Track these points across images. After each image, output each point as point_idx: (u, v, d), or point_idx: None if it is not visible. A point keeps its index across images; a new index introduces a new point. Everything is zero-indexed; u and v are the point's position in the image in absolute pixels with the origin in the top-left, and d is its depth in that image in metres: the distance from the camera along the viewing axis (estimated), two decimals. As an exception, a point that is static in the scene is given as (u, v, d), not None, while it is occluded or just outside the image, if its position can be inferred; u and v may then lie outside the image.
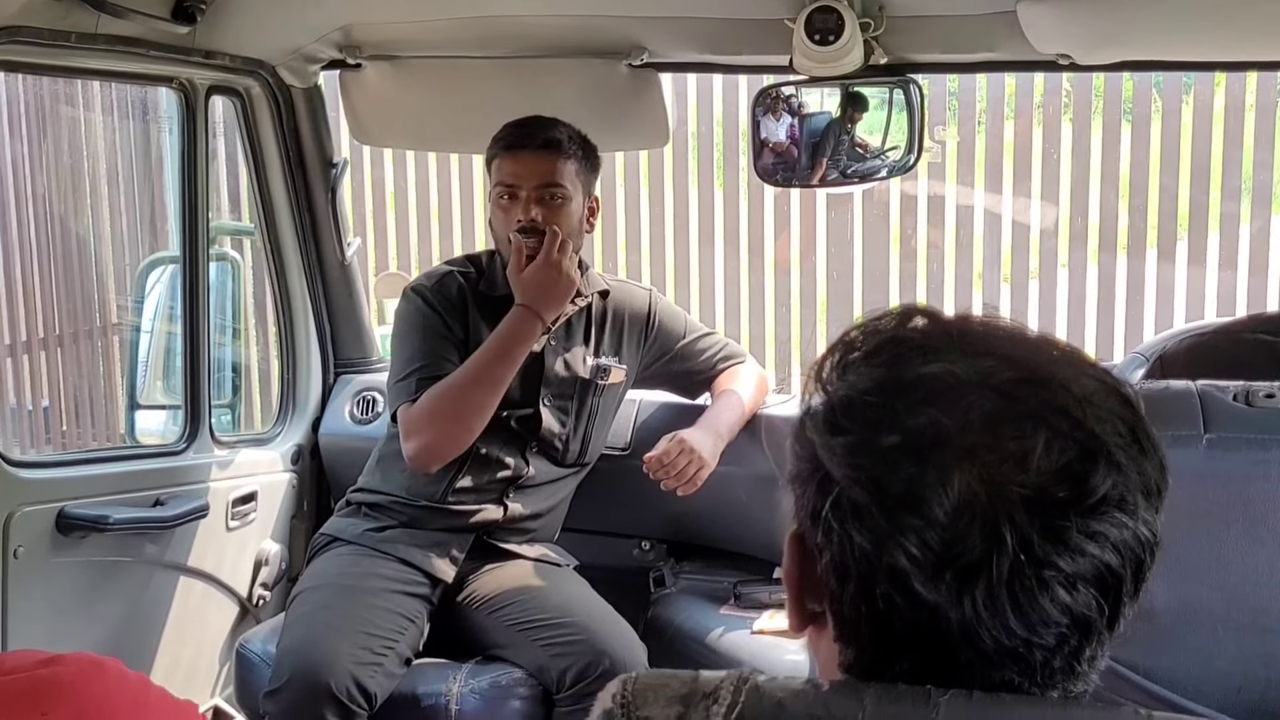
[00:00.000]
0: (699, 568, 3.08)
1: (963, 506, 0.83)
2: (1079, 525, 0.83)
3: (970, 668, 0.86)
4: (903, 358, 0.89)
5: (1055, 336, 0.93)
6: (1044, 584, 0.83)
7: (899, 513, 0.84)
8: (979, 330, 0.90)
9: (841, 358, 0.91)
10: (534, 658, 2.56)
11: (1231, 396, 1.46)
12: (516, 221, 2.67)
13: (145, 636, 2.84)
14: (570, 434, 2.80)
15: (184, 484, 2.87)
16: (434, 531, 2.74)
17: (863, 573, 0.86)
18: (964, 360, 0.87)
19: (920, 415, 0.85)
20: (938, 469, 0.83)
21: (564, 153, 2.67)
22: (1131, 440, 0.86)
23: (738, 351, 2.98)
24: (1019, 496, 0.83)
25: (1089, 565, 0.84)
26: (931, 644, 0.86)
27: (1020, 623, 0.84)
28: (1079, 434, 0.84)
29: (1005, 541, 0.82)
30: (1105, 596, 0.85)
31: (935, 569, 0.84)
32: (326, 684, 2.40)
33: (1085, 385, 0.87)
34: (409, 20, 2.80)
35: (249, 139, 3.07)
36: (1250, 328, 1.89)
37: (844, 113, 2.67)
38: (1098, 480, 0.84)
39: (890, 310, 0.93)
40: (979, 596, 0.83)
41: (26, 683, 1.09)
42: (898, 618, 0.86)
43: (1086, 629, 0.86)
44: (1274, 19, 2.28)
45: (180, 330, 3.01)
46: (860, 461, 0.86)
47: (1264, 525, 1.43)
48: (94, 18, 2.36)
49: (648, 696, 0.90)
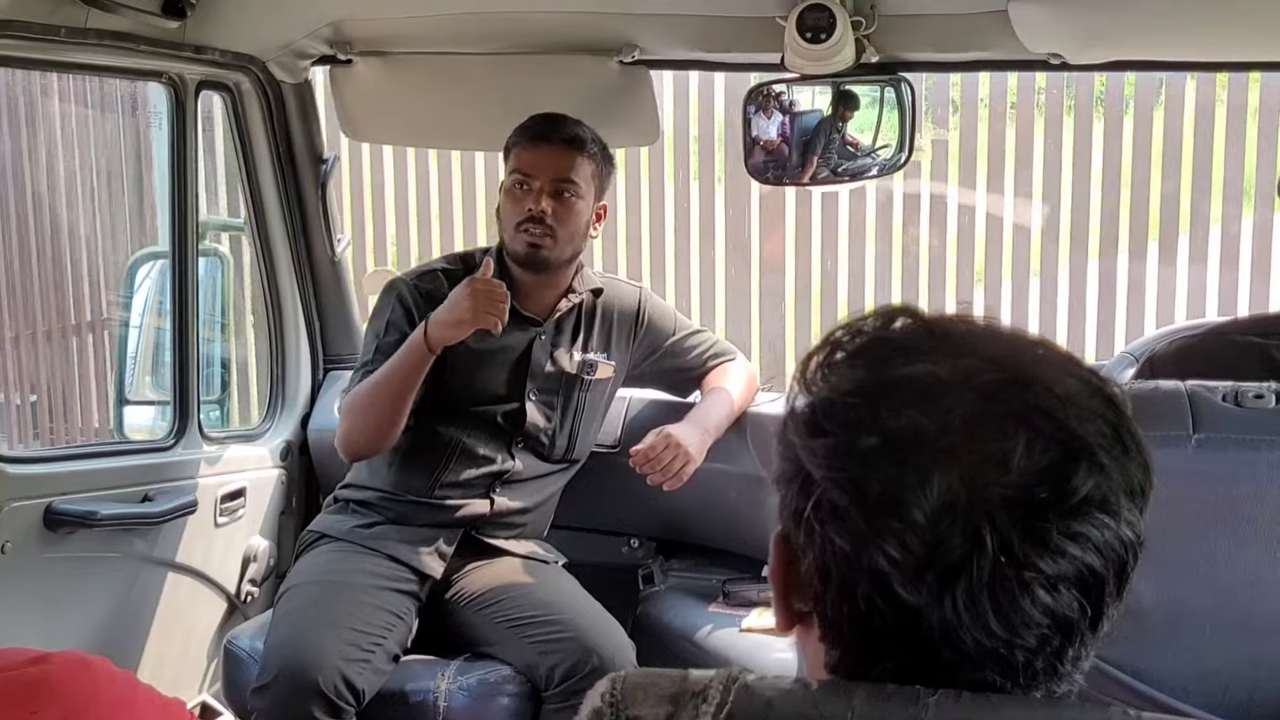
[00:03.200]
0: (688, 565, 3.08)
1: (943, 508, 0.83)
2: (1060, 526, 0.83)
3: (952, 668, 0.85)
4: (884, 359, 0.88)
5: (1043, 337, 0.93)
6: (1025, 585, 0.83)
7: (878, 515, 0.84)
8: (963, 331, 0.90)
9: (826, 358, 0.91)
10: (522, 655, 2.56)
11: (1221, 397, 1.47)
12: (526, 211, 2.66)
13: (133, 632, 2.84)
14: (556, 429, 2.80)
15: (172, 480, 2.87)
16: (422, 527, 2.74)
17: (844, 574, 0.86)
18: (946, 361, 0.87)
19: (900, 417, 0.85)
20: (917, 470, 0.83)
21: (585, 152, 2.68)
22: (1115, 441, 0.86)
23: (728, 349, 2.98)
24: (999, 497, 0.83)
25: (1070, 566, 0.84)
26: (913, 645, 0.86)
27: (1001, 624, 0.84)
28: (1061, 434, 0.84)
29: (985, 543, 0.82)
30: (1087, 597, 0.85)
31: (916, 571, 0.83)
32: (314, 680, 2.40)
33: (1068, 385, 0.87)
34: (400, 15, 2.79)
35: (239, 134, 3.06)
36: (1239, 329, 1.90)
37: (835, 111, 2.67)
38: (1079, 481, 0.83)
39: (875, 310, 0.93)
40: (960, 598, 0.83)
41: (15, 681, 1.08)
42: (879, 619, 0.86)
43: (1069, 630, 0.85)
44: (1265, 19, 2.28)
45: (169, 325, 3.00)
46: (840, 463, 0.86)
47: (1252, 525, 1.44)
48: (83, 12, 2.36)
49: (637, 695, 0.90)
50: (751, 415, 2.88)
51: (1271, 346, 1.81)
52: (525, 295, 2.77)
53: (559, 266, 2.74)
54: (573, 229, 2.69)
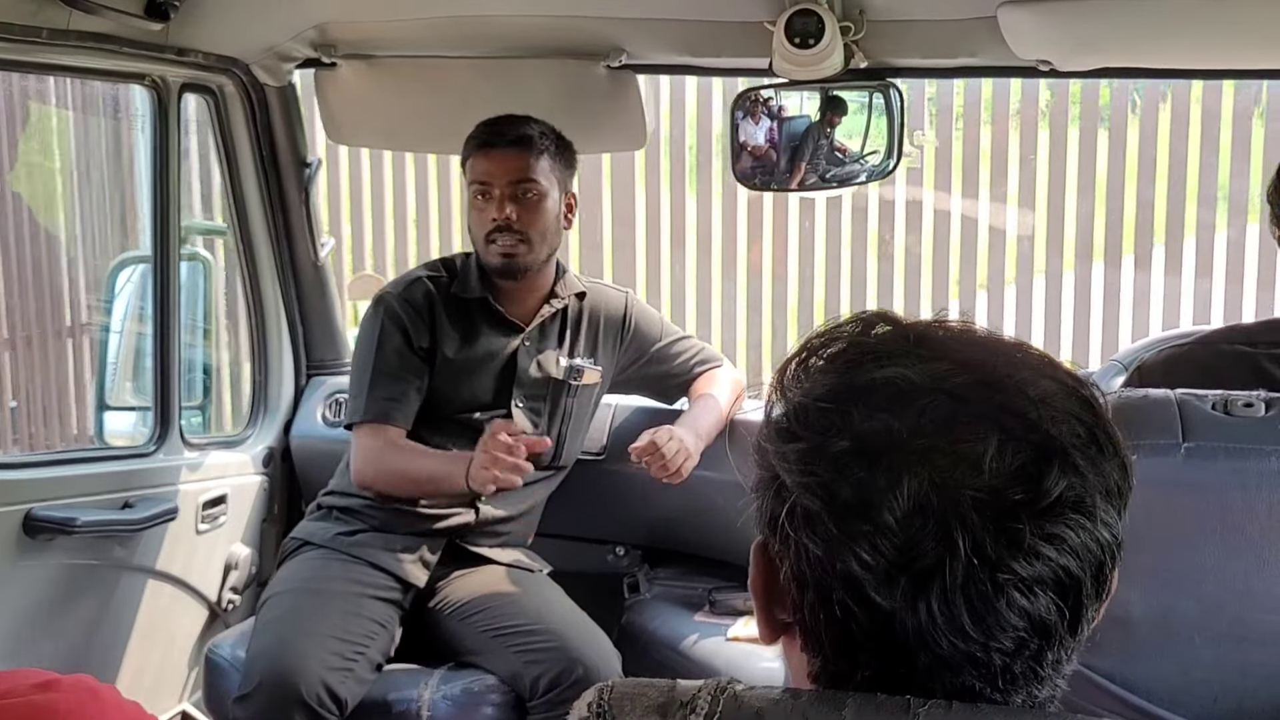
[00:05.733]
0: (673, 574, 3.07)
1: (914, 511, 0.82)
2: (1034, 528, 0.82)
3: (929, 673, 0.85)
4: (857, 363, 0.88)
5: (1023, 341, 0.93)
6: (999, 588, 0.82)
7: (850, 519, 0.83)
8: (939, 335, 0.90)
9: (802, 364, 0.91)
10: (507, 664, 2.55)
11: (1210, 406, 1.46)
12: (492, 220, 2.66)
13: (113, 640, 2.81)
14: (543, 435, 2.79)
15: (153, 486, 2.85)
16: (405, 535, 2.72)
17: (819, 580, 0.86)
18: (919, 365, 0.86)
19: (872, 420, 0.84)
20: (888, 474, 0.83)
21: (536, 148, 2.67)
22: (1090, 442, 0.85)
23: (714, 355, 2.98)
24: (971, 499, 0.82)
25: (1046, 569, 0.83)
26: (889, 650, 0.85)
27: (976, 627, 0.83)
28: (1034, 436, 0.84)
29: (958, 545, 0.82)
30: (1064, 600, 0.84)
31: (889, 575, 0.83)
32: (297, 689, 2.38)
33: (1043, 387, 0.86)
34: (385, 19, 2.78)
35: (222, 138, 3.04)
36: (1228, 338, 1.89)
37: (823, 116, 2.66)
38: (1051, 482, 0.83)
39: (852, 316, 0.93)
40: (934, 602, 0.83)
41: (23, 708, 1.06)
42: (855, 625, 0.85)
43: (1046, 633, 0.85)
44: (1254, 27, 2.28)
45: (150, 331, 2.98)
46: (811, 468, 0.85)
47: (1241, 534, 1.43)
48: (65, 14, 2.34)
49: (624, 706, 0.90)
50: (737, 423, 2.87)
51: (1260, 355, 1.81)
52: (507, 301, 2.77)
53: (537, 269, 2.74)
54: (542, 228, 2.69)
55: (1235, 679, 1.44)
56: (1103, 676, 1.44)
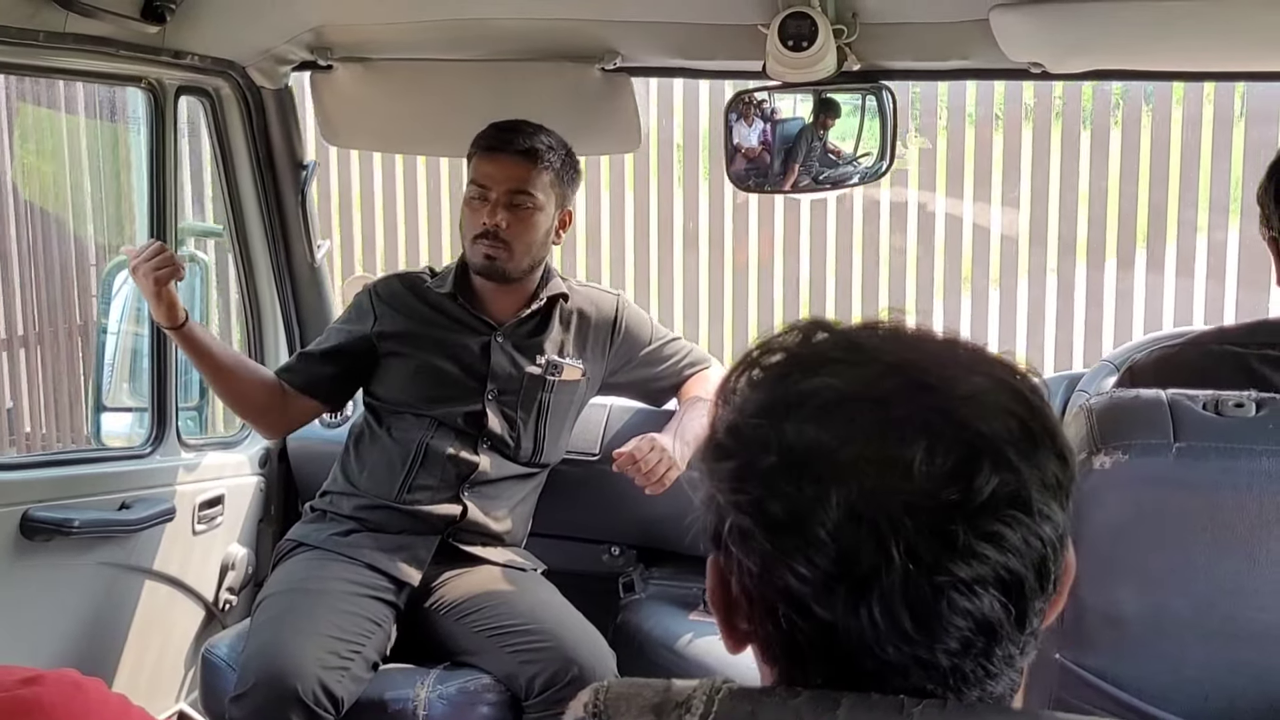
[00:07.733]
0: (668, 573, 3.07)
1: (846, 522, 0.82)
2: (969, 528, 0.82)
3: (878, 676, 0.85)
4: (785, 375, 0.88)
5: (956, 338, 0.91)
6: (939, 591, 0.82)
7: (782, 535, 0.83)
8: (870, 340, 0.89)
9: (739, 378, 0.90)
10: (502, 664, 2.55)
11: (1201, 405, 1.47)
12: (482, 224, 2.68)
13: (110, 641, 2.82)
14: (520, 431, 2.80)
15: (150, 487, 2.85)
16: (398, 534, 2.73)
17: (762, 595, 0.86)
18: (849, 371, 0.86)
19: (801, 434, 0.84)
20: (816, 486, 0.82)
21: (540, 161, 2.68)
22: (1024, 436, 0.84)
23: (704, 357, 2.99)
24: (903, 505, 0.81)
25: (986, 568, 0.83)
26: (835, 658, 0.85)
27: (920, 631, 0.83)
28: (963, 434, 0.83)
29: (892, 553, 0.81)
30: (1009, 597, 0.84)
31: (827, 586, 0.83)
32: (293, 688, 2.39)
33: (974, 384, 0.85)
34: (381, 22, 2.79)
35: (218, 140, 3.05)
36: (1219, 339, 1.90)
37: (816, 118, 2.67)
38: (983, 481, 0.82)
39: (789, 326, 0.92)
40: (875, 609, 0.82)
41: (7, 703, 1.07)
42: (800, 636, 0.85)
43: (991, 632, 0.84)
44: (1245, 29, 2.29)
45: (147, 331, 2.99)
46: (743, 486, 0.85)
47: (1232, 533, 1.44)
48: (62, 16, 2.34)
49: (620, 706, 0.90)
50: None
51: (1251, 356, 1.81)
52: (487, 301, 2.80)
53: (518, 277, 2.76)
54: (529, 241, 2.71)
55: (1226, 677, 1.45)
56: (1094, 674, 1.45)
